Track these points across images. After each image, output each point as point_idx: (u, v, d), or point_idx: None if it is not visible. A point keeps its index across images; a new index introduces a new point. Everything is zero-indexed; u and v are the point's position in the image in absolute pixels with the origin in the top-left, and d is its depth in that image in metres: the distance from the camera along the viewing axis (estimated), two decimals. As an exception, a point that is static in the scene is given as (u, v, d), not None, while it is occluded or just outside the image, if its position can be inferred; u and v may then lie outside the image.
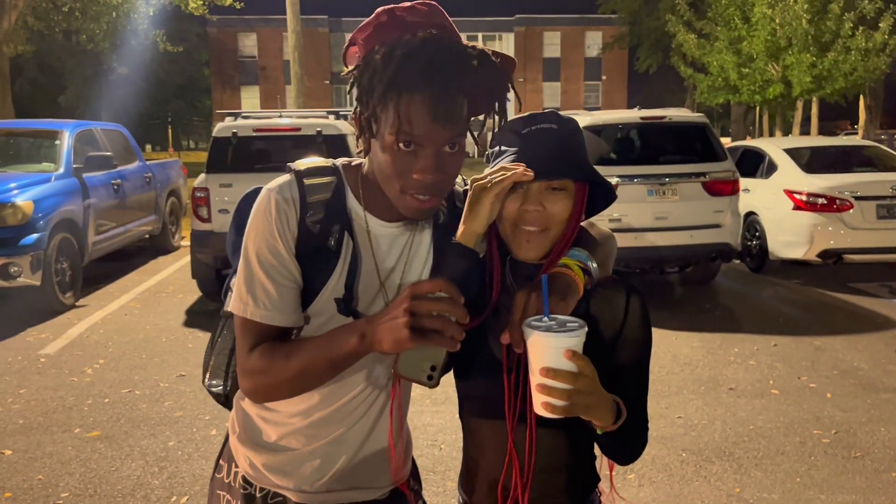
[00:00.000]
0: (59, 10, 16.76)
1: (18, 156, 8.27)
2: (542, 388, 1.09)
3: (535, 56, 52.11)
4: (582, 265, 1.25)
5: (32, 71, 35.90)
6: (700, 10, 21.19)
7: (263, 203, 1.27)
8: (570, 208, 1.27)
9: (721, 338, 5.97)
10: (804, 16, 16.65)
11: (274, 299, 1.26)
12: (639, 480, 3.60)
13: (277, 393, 1.29)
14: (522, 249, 1.27)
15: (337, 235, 1.27)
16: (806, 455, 3.86)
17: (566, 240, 1.28)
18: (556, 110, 1.69)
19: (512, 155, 1.26)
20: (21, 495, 3.48)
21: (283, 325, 1.27)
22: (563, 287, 1.20)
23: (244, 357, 1.27)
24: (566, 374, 1.08)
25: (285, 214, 1.26)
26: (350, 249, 1.29)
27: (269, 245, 1.25)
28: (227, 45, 48.42)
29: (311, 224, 1.26)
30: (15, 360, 5.52)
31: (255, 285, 1.26)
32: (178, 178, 11.20)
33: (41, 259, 6.54)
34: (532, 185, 1.25)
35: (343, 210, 1.29)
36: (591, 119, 7.44)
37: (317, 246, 1.27)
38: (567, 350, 1.08)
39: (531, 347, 1.11)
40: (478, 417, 1.35)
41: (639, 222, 6.94)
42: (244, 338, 1.28)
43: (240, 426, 1.43)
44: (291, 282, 1.27)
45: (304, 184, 1.28)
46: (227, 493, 1.45)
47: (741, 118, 27.11)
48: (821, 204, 7.73)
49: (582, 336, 1.10)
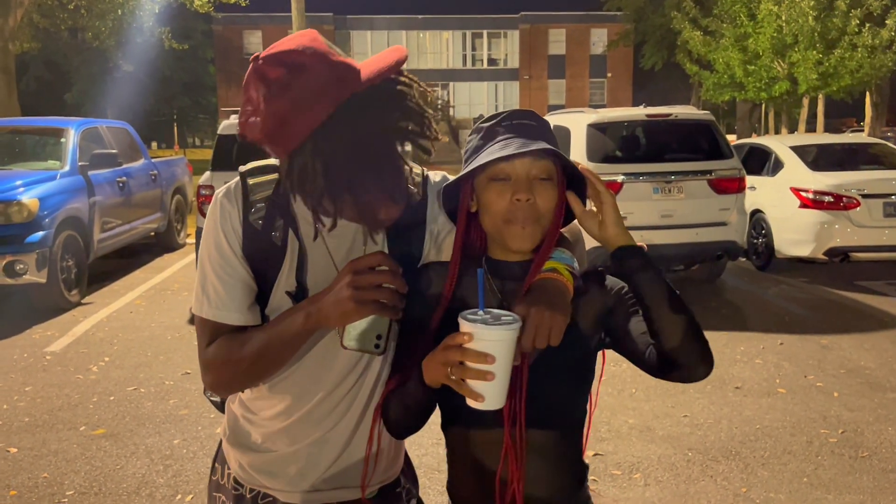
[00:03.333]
0: (65, 8, 16.78)
1: (24, 153, 8.28)
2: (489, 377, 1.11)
3: (540, 53, 51.98)
4: (569, 268, 1.26)
5: (38, 68, 35.99)
6: (705, 7, 21.10)
7: (212, 206, 1.34)
8: (556, 198, 1.28)
9: (727, 336, 5.95)
10: (810, 13, 16.56)
11: (223, 297, 1.30)
12: (644, 480, 3.58)
13: (238, 382, 1.34)
14: (517, 241, 1.27)
15: (281, 231, 1.31)
16: (813, 455, 3.84)
17: (554, 231, 1.29)
18: (562, 107, 1.69)
19: (497, 143, 1.26)
20: (26, 493, 3.48)
21: (234, 322, 1.31)
22: (558, 294, 1.20)
23: (202, 352, 1.32)
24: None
25: (228, 214, 1.31)
26: (296, 244, 1.31)
27: (216, 244, 1.31)
28: (233, 43, 48.40)
29: (254, 221, 1.30)
30: (21, 357, 5.53)
31: (208, 284, 1.31)
32: (184, 175, 11.20)
33: (47, 256, 6.55)
34: (519, 174, 1.25)
35: (286, 206, 1.31)
36: (597, 116, 7.41)
37: (263, 243, 1.30)
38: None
39: (472, 339, 1.12)
40: (467, 419, 1.32)
41: (644, 220, 6.91)
42: (201, 335, 1.33)
43: (229, 429, 1.47)
44: (238, 280, 1.31)
45: (248, 183, 1.33)
46: (222, 494, 1.48)
47: (747, 115, 26.99)
48: (827, 202, 7.69)
49: (516, 330, 1.12)
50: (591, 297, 1.31)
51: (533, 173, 1.26)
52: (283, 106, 1.16)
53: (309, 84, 1.16)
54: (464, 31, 52.48)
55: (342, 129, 1.17)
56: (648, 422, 4.26)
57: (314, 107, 1.16)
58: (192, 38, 38.56)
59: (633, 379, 4.94)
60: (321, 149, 1.18)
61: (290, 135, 1.17)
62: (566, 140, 7.38)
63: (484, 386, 1.11)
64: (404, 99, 1.24)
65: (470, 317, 1.12)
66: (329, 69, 1.17)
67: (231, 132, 7.00)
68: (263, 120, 1.17)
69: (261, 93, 1.17)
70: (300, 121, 1.16)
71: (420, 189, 1.40)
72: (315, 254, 1.31)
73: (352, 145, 1.18)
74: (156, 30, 19.74)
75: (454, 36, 52.44)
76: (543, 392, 1.27)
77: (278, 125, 1.17)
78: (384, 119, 1.21)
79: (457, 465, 1.38)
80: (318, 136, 1.17)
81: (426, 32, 52.14)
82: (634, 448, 3.92)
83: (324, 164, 1.18)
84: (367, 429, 1.38)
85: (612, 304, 1.31)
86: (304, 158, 1.18)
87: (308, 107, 1.16)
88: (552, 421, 1.31)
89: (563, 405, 1.32)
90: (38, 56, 28.69)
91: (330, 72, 1.17)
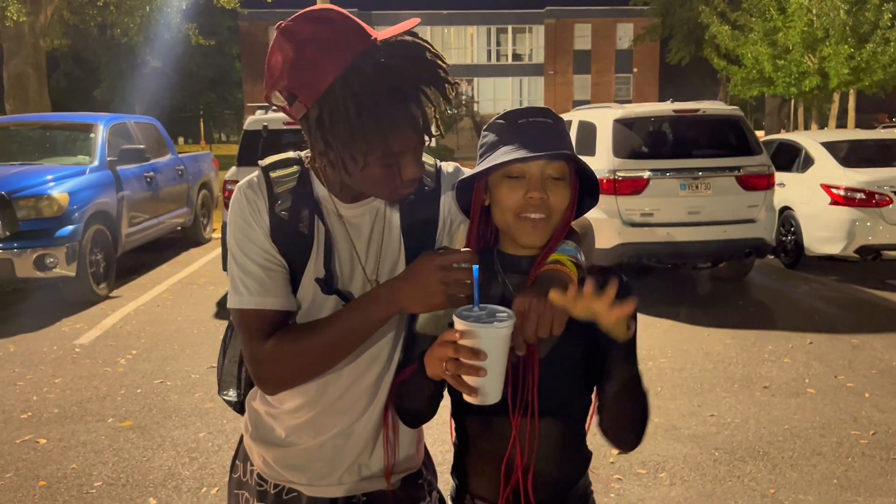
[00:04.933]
0: (95, 5, 16.97)
1: (54, 149, 8.38)
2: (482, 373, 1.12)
3: (566, 48, 51.70)
4: (573, 259, 1.27)
5: (68, 65, 36.54)
6: (734, 2, 20.84)
7: (235, 199, 1.34)
8: (568, 197, 1.30)
9: (755, 335, 5.86)
10: (842, 6, 16.31)
11: (265, 284, 1.30)
12: (670, 479, 3.54)
13: (304, 373, 1.32)
14: (527, 236, 1.30)
15: (307, 220, 1.33)
16: (843, 456, 3.77)
17: (563, 229, 1.32)
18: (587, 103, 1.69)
19: (510, 145, 1.28)
20: (55, 483, 3.53)
21: (278, 308, 1.30)
22: (560, 284, 1.20)
23: (256, 346, 1.29)
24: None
25: (255, 204, 1.31)
26: (322, 232, 1.33)
27: (246, 234, 1.31)
28: (258, 39, 48.72)
29: (280, 213, 1.32)
30: (51, 349, 5.61)
31: (245, 275, 1.30)
32: (210, 170, 11.30)
33: (76, 250, 6.64)
34: (533, 174, 1.28)
35: (310, 196, 1.34)
36: (624, 112, 7.34)
37: (290, 233, 1.32)
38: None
39: (464, 337, 1.13)
40: (476, 407, 1.32)
41: (671, 217, 6.84)
42: (245, 330, 1.30)
43: (252, 425, 1.47)
44: (276, 264, 1.31)
45: (271, 177, 1.34)
46: (245, 491, 1.49)
47: (775, 111, 26.64)
48: (859, 199, 7.55)
49: (509, 327, 1.12)
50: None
51: (547, 173, 1.28)
52: (313, 50, 1.19)
53: (336, 27, 1.21)
54: (488, 27, 52.34)
55: (372, 68, 1.19)
56: (674, 420, 4.22)
57: (343, 48, 1.19)
58: (219, 35, 38.88)
59: (658, 377, 4.89)
60: (353, 88, 1.18)
61: (320, 76, 1.19)
62: (592, 135, 7.32)
63: (478, 381, 1.13)
64: (424, 50, 1.26)
65: (464, 313, 1.14)
66: (353, 20, 1.23)
67: (257, 128, 7.04)
68: (292, 68, 1.20)
69: (288, 49, 1.21)
70: (330, 61, 1.18)
71: (433, 179, 1.43)
72: (337, 241, 1.35)
73: (382, 82, 1.18)
74: (183, 26, 19.89)
75: (479, 31, 52.32)
76: (551, 383, 1.29)
77: (309, 69, 1.19)
78: (410, 61, 1.22)
79: (464, 451, 1.40)
80: (349, 75, 1.18)
81: (451, 28, 52.04)
82: (660, 447, 3.88)
83: (356, 103, 1.18)
84: (390, 421, 1.40)
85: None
86: (335, 99, 1.19)
87: (337, 47, 1.19)
88: (559, 410, 1.33)
89: (570, 395, 1.34)
90: (68, 53, 29.14)
91: (354, 22, 1.23)
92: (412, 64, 1.22)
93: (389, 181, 1.27)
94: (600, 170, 6.86)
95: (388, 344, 1.39)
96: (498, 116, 1.36)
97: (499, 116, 1.35)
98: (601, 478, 3.51)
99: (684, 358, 5.32)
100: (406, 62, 1.21)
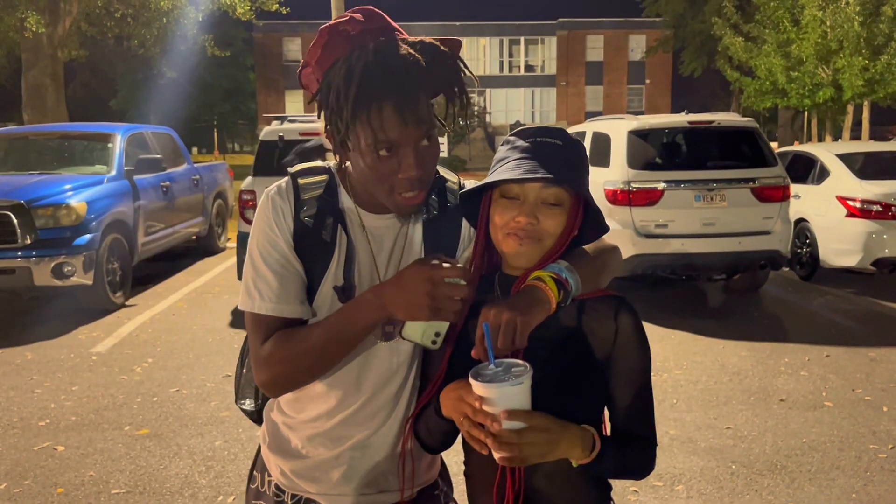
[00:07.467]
0: (112, 16, 17.16)
1: (72, 158, 8.48)
2: (493, 441, 1.14)
3: (578, 60, 51.74)
4: (555, 276, 1.24)
5: (85, 75, 36.98)
6: (747, 13, 20.79)
7: (262, 204, 1.36)
8: (563, 224, 1.28)
9: (770, 347, 5.83)
10: (856, 18, 16.22)
11: (279, 291, 1.32)
12: (687, 492, 3.52)
13: (298, 378, 1.33)
14: (514, 256, 1.29)
15: (331, 228, 1.35)
16: (862, 470, 3.74)
17: (553, 254, 1.28)
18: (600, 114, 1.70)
19: (513, 161, 1.27)
20: (73, 491, 3.56)
21: (290, 316, 1.33)
22: (529, 301, 1.20)
23: (258, 349, 1.32)
24: (510, 431, 1.13)
25: (281, 210, 1.34)
26: (344, 241, 1.35)
27: (268, 239, 1.33)
28: (272, 50, 49.08)
29: (305, 219, 1.34)
30: (68, 357, 5.65)
31: (260, 279, 1.32)
32: (225, 180, 11.38)
33: (93, 259, 6.70)
34: (528, 196, 1.26)
35: (335, 205, 1.37)
36: (638, 123, 7.34)
37: (313, 240, 1.34)
38: (504, 412, 1.12)
39: (479, 397, 1.14)
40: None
41: (686, 228, 6.83)
42: (255, 333, 1.33)
43: (269, 436, 1.48)
44: (294, 273, 1.33)
45: (299, 183, 1.37)
46: (263, 502, 1.49)
47: (789, 123, 26.53)
48: (875, 211, 7.51)
49: (526, 382, 1.13)
50: (599, 315, 1.29)
51: (542, 197, 1.26)
52: (341, 34, 1.27)
53: (373, 24, 1.27)
54: (501, 38, 52.47)
55: (377, 50, 1.22)
56: (691, 433, 4.20)
57: (365, 35, 1.24)
58: (234, 46, 39.19)
59: (673, 389, 4.87)
60: (350, 61, 1.22)
61: (334, 53, 1.25)
62: (606, 147, 7.32)
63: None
64: (449, 57, 1.28)
65: (481, 372, 1.14)
66: (390, 23, 1.30)
67: (272, 138, 7.09)
68: (321, 48, 1.28)
69: (324, 33, 1.28)
70: (348, 42, 1.24)
71: (456, 196, 1.44)
72: (359, 252, 1.36)
73: (380, 62, 1.20)
74: (198, 37, 20.07)
75: (491, 42, 52.45)
76: (540, 405, 1.20)
77: (331, 47, 1.26)
78: (428, 58, 1.24)
79: (467, 471, 1.40)
80: (354, 51, 1.23)
81: (463, 39, 51.74)
82: (676, 460, 3.86)
83: (347, 71, 1.22)
84: (408, 434, 1.40)
85: (609, 350, 1.29)
86: (335, 69, 1.24)
87: (361, 35, 1.25)
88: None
89: (558, 413, 1.23)
90: (86, 63, 29.38)
91: (389, 22, 1.29)
92: (429, 61, 1.23)
93: (387, 177, 1.26)
94: (615, 181, 6.87)
95: (406, 357, 1.40)
96: (512, 132, 1.36)
97: (512, 132, 1.35)
98: (616, 490, 3.49)
99: (699, 370, 5.30)
100: (422, 58, 1.22)
